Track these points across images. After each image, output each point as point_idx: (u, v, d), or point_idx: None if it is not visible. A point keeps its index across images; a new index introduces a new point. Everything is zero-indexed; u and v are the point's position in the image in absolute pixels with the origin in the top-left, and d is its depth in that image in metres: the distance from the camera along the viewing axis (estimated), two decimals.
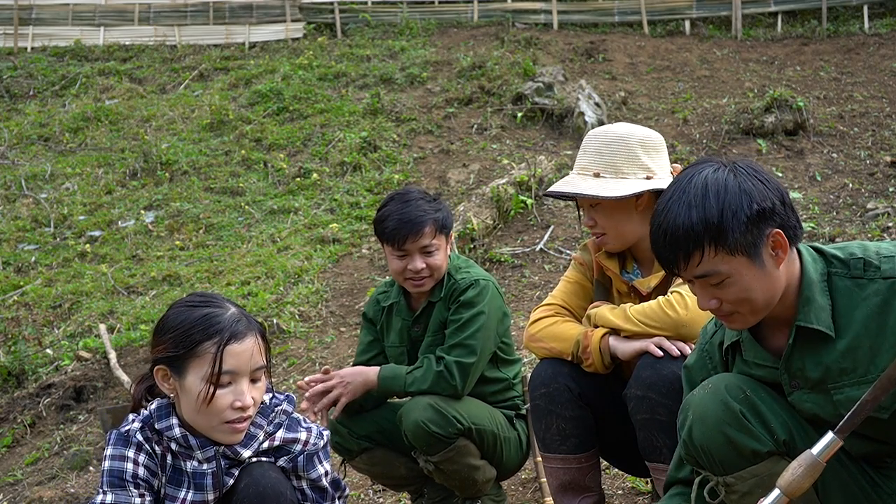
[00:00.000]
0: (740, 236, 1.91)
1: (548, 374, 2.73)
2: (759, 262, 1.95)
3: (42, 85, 11.14)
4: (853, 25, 10.37)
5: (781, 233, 1.95)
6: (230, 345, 2.16)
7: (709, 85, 9.24)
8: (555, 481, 2.78)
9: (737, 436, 1.98)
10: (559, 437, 2.71)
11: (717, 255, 1.93)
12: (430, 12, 11.89)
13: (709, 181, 1.95)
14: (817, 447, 1.87)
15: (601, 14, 11.41)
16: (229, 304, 2.24)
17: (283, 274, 6.47)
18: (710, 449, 2.02)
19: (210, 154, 8.98)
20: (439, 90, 9.45)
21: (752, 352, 2.10)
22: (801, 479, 1.86)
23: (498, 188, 6.78)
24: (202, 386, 2.16)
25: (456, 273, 3.10)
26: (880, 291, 1.98)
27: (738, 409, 1.99)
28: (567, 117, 8.38)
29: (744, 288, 1.95)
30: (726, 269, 1.94)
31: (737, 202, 1.92)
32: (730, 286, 1.95)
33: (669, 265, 2.00)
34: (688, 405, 2.08)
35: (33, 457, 5.01)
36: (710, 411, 2.01)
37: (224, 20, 12.22)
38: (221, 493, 2.26)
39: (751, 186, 1.94)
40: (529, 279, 5.98)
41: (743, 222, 1.91)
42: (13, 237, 7.93)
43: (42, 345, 6.14)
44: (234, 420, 2.19)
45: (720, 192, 1.93)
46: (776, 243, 1.96)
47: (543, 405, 2.72)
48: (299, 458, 2.30)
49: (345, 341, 5.56)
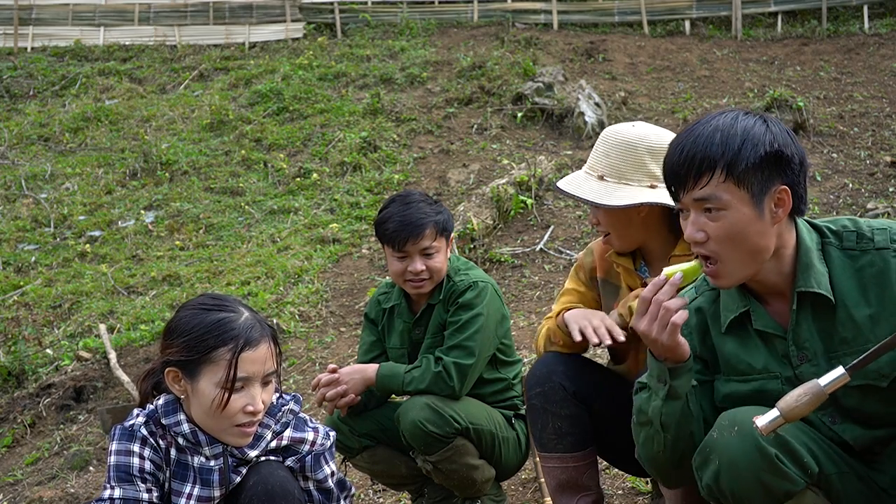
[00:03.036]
0: (752, 170, 1.94)
1: (542, 373, 2.74)
2: (759, 208, 1.96)
3: (42, 85, 11.14)
4: (853, 25, 10.37)
5: (788, 191, 1.98)
6: (245, 352, 2.17)
7: (709, 85, 9.24)
8: (552, 481, 2.79)
9: (772, 481, 1.91)
10: (555, 436, 2.72)
11: (725, 181, 1.95)
12: (430, 12, 11.89)
13: (740, 117, 2.00)
14: (825, 378, 1.84)
15: (601, 14, 11.41)
16: (242, 308, 2.25)
17: (283, 274, 6.48)
18: (740, 495, 1.94)
19: (210, 154, 8.98)
20: (439, 90, 9.45)
21: (762, 320, 2.07)
22: (803, 407, 1.83)
23: (498, 188, 6.78)
24: (216, 391, 2.16)
25: (455, 275, 3.11)
26: (875, 262, 2.00)
27: (774, 454, 1.91)
28: (567, 117, 8.38)
29: (734, 224, 1.96)
30: (727, 199, 1.95)
31: (760, 138, 1.96)
32: (722, 219, 1.96)
33: (678, 183, 2.01)
34: (711, 448, 1.98)
35: (33, 457, 5.01)
36: (741, 457, 1.91)
37: (224, 20, 12.21)
38: (227, 489, 2.27)
39: (778, 132, 1.99)
40: (529, 279, 5.98)
41: (760, 156, 1.94)
42: (13, 237, 7.93)
43: (42, 345, 6.14)
44: (245, 424, 2.20)
45: (748, 127, 1.98)
46: (780, 200, 1.98)
47: (539, 404, 2.73)
48: (307, 459, 2.31)
49: (345, 341, 5.57)
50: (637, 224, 2.65)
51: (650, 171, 2.60)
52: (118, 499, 2.19)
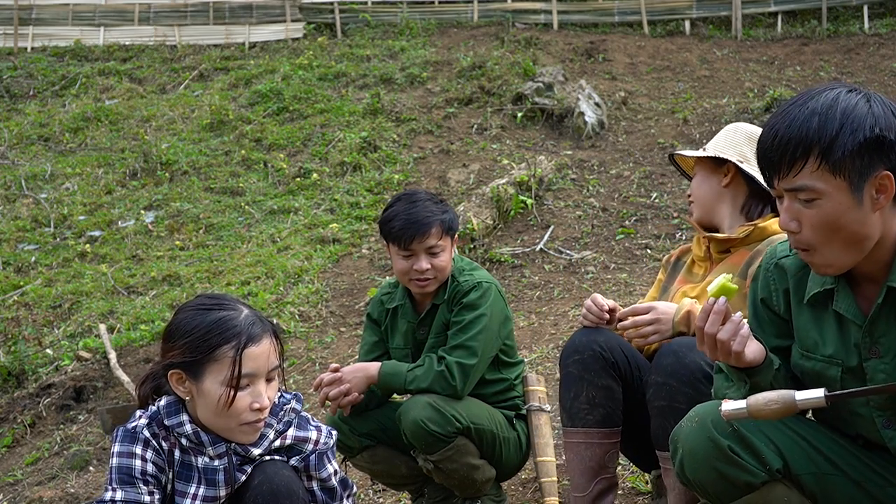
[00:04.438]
0: (849, 157, 1.81)
1: (582, 342, 2.76)
2: (857, 196, 1.84)
3: (42, 85, 11.13)
4: (853, 25, 10.37)
5: (891, 177, 1.84)
6: (248, 348, 2.17)
7: (709, 85, 9.23)
8: (574, 457, 2.77)
9: (728, 470, 1.94)
10: (587, 406, 2.72)
11: (820, 169, 1.83)
12: (430, 12, 11.88)
13: (840, 97, 1.86)
14: (802, 394, 1.82)
15: (601, 14, 11.40)
16: (241, 306, 2.25)
17: (283, 274, 6.48)
18: (703, 483, 1.99)
19: (210, 154, 8.98)
20: (439, 90, 9.45)
21: (844, 303, 1.98)
22: (769, 412, 1.83)
23: (498, 188, 6.78)
24: (222, 390, 2.17)
25: (459, 275, 3.12)
26: None
27: (727, 445, 1.94)
28: (567, 117, 8.38)
29: (830, 215, 1.85)
30: (822, 188, 1.84)
31: (860, 122, 1.82)
32: (817, 208, 1.85)
33: (771, 168, 1.91)
34: (676, 438, 2.04)
35: (33, 457, 5.01)
36: (698, 447, 1.97)
37: (224, 20, 12.21)
38: (233, 489, 2.27)
39: (881, 112, 1.85)
40: (529, 279, 5.98)
41: (859, 142, 1.81)
42: (13, 237, 7.93)
43: (42, 345, 6.14)
44: (252, 420, 2.21)
45: (848, 109, 1.83)
46: (882, 186, 1.85)
47: (576, 372, 2.74)
48: (311, 458, 2.32)
49: (345, 341, 5.57)
50: (717, 192, 2.86)
51: (742, 151, 2.84)
52: (119, 501, 2.19)
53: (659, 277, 3.06)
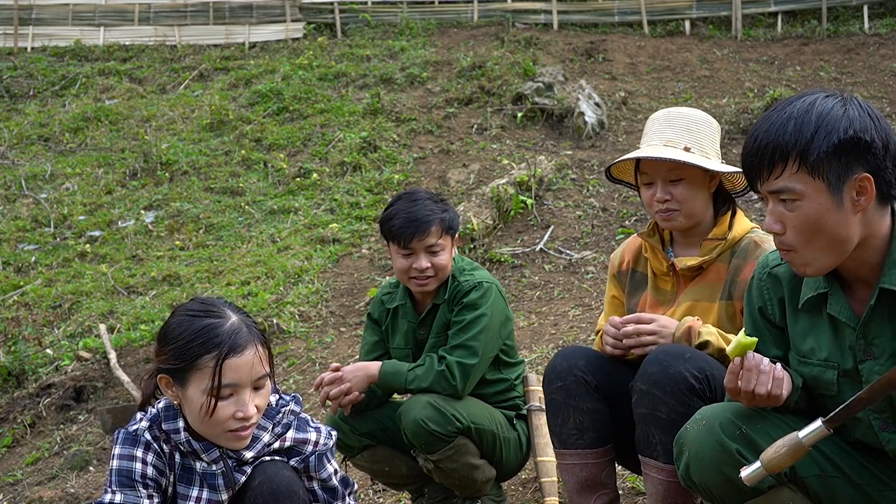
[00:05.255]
0: (826, 158, 1.85)
1: (563, 367, 2.72)
2: (837, 198, 1.87)
3: (42, 85, 11.13)
4: (853, 25, 10.36)
5: (871, 178, 1.87)
6: (229, 358, 2.16)
7: (709, 85, 9.23)
8: (571, 478, 2.75)
9: (736, 474, 1.93)
10: (576, 432, 2.69)
11: (799, 171, 1.87)
12: (430, 12, 11.88)
13: (817, 101, 1.91)
14: (804, 431, 1.84)
15: (601, 14, 11.40)
16: (230, 312, 2.23)
17: (283, 274, 6.48)
18: (709, 487, 1.99)
19: (210, 154, 8.98)
20: (439, 90, 9.45)
21: (837, 306, 2.00)
22: (782, 459, 1.85)
23: (498, 188, 6.78)
24: (203, 398, 2.16)
25: (460, 275, 3.12)
26: None
27: (735, 449, 1.95)
28: (567, 117, 8.38)
29: (811, 216, 1.88)
30: (801, 189, 1.88)
31: (835, 124, 1.86)
32: (798, 210, 1.89)
33: (754, 172, 1.95)
34: (682, 440, 2.04)
35: (33, 457, 5.01)
36: (705, 450, 1.97)
37: (224, 20, 12.21)
38: (234, 490, 2.28)
39: (857, 115, 1.88)
40: (529, 279, 5.98)
41: (834, 143, 1.85)
42: (13, 237, 7.93)
43: (42, 345, 6.14)
44: (237, 429, 2.20)
45: (824, 112, 1.88)
46: (862, 188, 1.88)
47: (560, 399, 2.71)
48: (311, 459, 2.32)
49: (345, 341, 5.57)
50: (705, 198, 2.77)
51: (718, 149, 2.80)
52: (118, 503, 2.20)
53: (613, 294, 2.95)
